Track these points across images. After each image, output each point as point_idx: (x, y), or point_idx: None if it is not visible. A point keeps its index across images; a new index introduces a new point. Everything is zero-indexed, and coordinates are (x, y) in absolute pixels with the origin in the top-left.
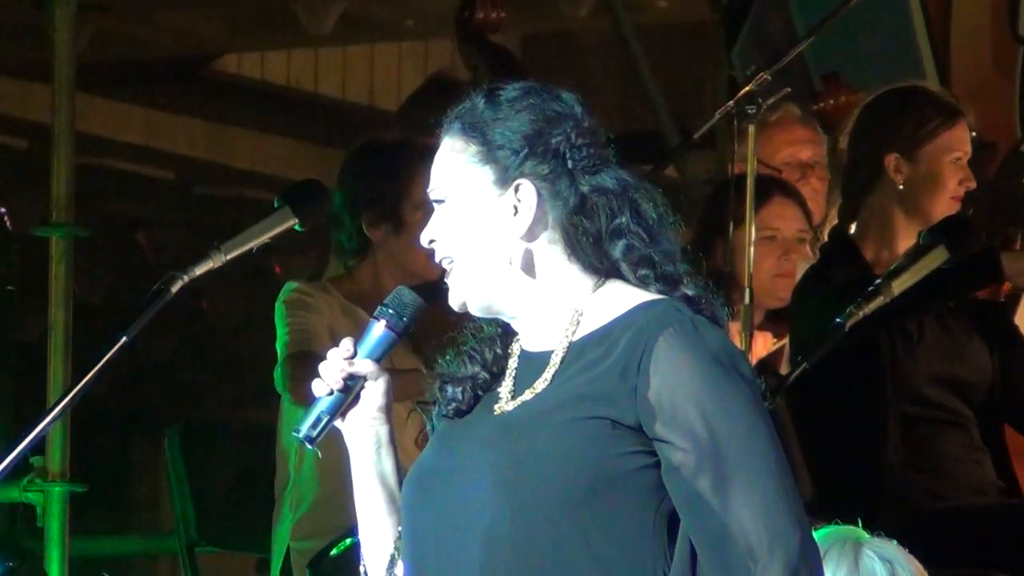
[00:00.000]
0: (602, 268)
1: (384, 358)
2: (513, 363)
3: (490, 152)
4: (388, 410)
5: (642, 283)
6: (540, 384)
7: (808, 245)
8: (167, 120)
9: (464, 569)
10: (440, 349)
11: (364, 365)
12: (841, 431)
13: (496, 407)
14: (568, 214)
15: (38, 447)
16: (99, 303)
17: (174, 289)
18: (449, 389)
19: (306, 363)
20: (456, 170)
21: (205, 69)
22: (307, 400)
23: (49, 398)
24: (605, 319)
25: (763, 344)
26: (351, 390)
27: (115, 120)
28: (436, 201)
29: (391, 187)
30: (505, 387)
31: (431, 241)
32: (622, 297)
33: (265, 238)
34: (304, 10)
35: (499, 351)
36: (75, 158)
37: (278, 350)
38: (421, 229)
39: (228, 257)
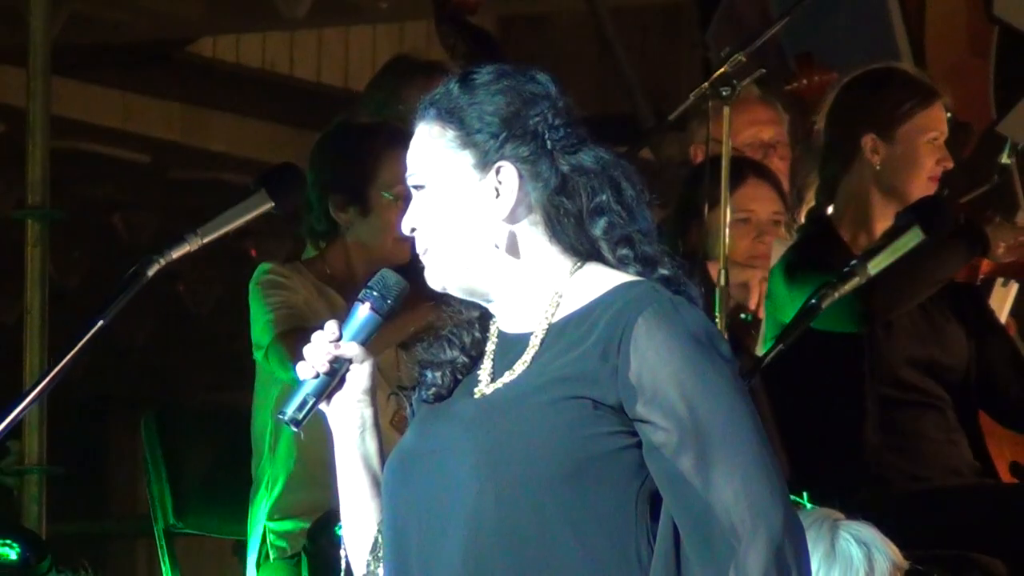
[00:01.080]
0: (582, 250)
1: (369, 341)
2: (491, 346)
3: (468, 136)
4: (373, 393)
5: (621, 263)
6: (520, 366)
7: (784, 227)
8: (143, 103)
9: (447, 550)
10: (419, 334)
11: (350, 348)
12: (818, 411)
13: (476, 390)
14: (549, 195)
15: (15, 431)
16: (75, 287)
17: (150, 272)
18: (429, 374)
19: (300, 339)
20: (434, 156)
21: (180, 52)
22: None
23: (26, 382)
24: (584, 300)
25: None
26: (336, 373)
27: (90, 103)
28: (415, 187)
29: (358, 170)
30: (484, 369)
31: (412, 229)
32: (601, 278)
33: (241, 221)
34: None
35: (478, 334)
36: (51, 142)
37: (258, 333)
38: (388, 213)
39: (204, 240)
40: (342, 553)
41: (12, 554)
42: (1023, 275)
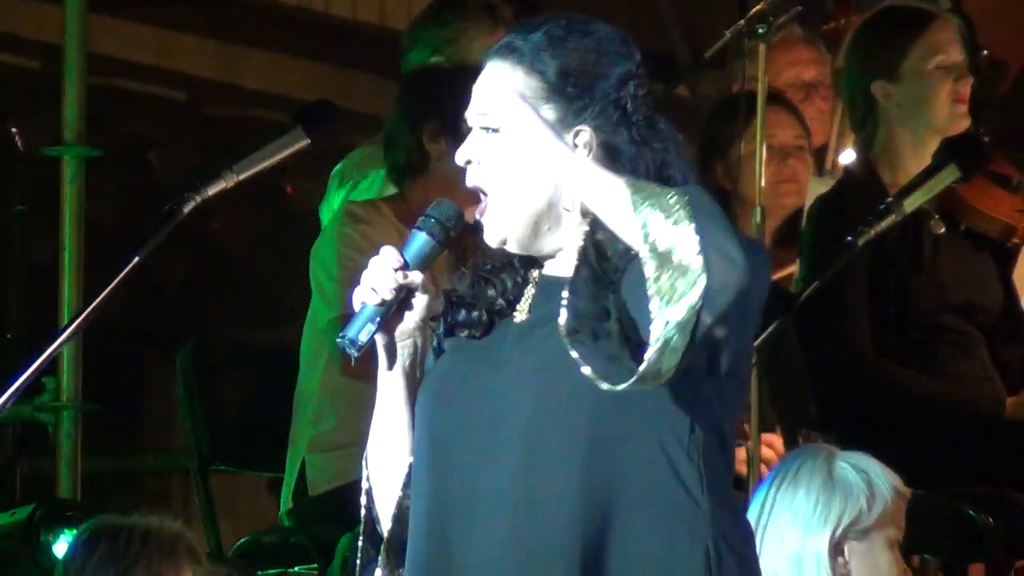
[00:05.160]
0: None
1: (427, 268)
2: (531, 289)
3: (552, 91)
4: (427, 322)
5: None
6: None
7: (807, 153)
8: (178, 40)
9: (498, 469)
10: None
11: (416, 276)
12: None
13: (515, 324)
14: (619, 165)
15: (50, 368)
16: (110, 224)
17: (186, 210)
18: (463, 312)
19: None
20: (515, 102)
21: None
22: (356, 373)
23: (61, 319)
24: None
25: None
26: (397, 300)
27: (126, 40)
28: (486, 128)
29: (452, 98)
30: (521, 312)
31: (468, 161)
32: None
33: (277, 159)
34: None
35: (519, 279)
36: (86, 78)
37: (320, 291)
38: None
39: (240, 177)
40: (363, 485)
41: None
42: None
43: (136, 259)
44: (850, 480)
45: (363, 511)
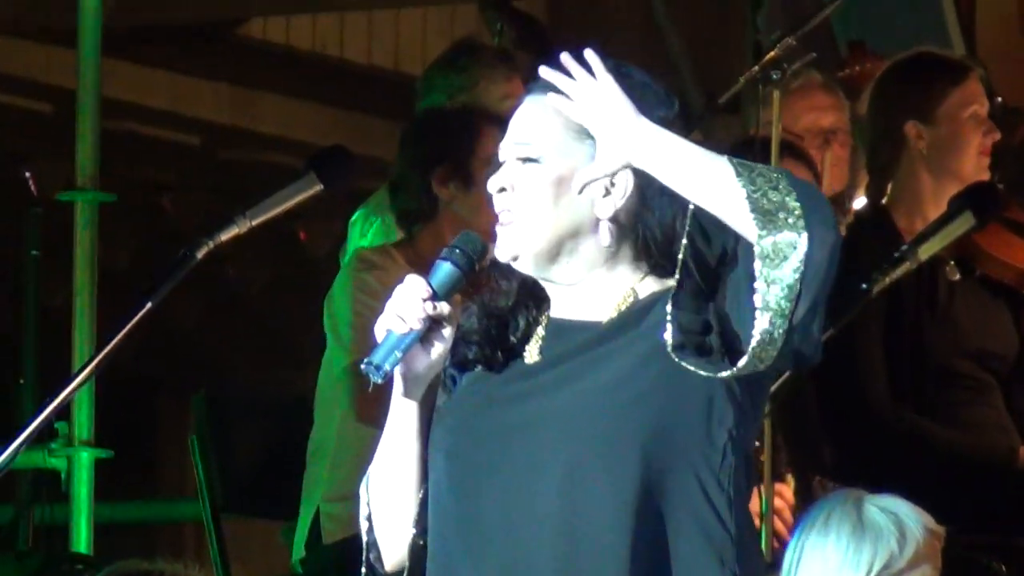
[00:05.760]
0: (652, 263)
1: (451, 299)
2: (540, 331)
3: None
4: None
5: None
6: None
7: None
8: (192, 85)
9: (539, 492)
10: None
11: (444, 307)
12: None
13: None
14: (650, 211)
15: (63, 413)
16: (124, 268)
17: (199, 255)
18: (476, 349)
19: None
20: (557, 135)
21: (230, 33)
22: (372, 420)
23: (74, 363)
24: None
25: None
26: (423, 331)
27: (140, 84)
28: (524, 159)
29: (461, 144)
30: (530, 353)
31: (501, 189)
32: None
33: (290, 204)
34: None
35: (531, 319)
36: (100, 123)
37: (336, 340)
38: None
39: (253, 223)
40: (363, 510)
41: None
42: None
43: (149, 304)
44: (879, 523)
45: (364, 536)
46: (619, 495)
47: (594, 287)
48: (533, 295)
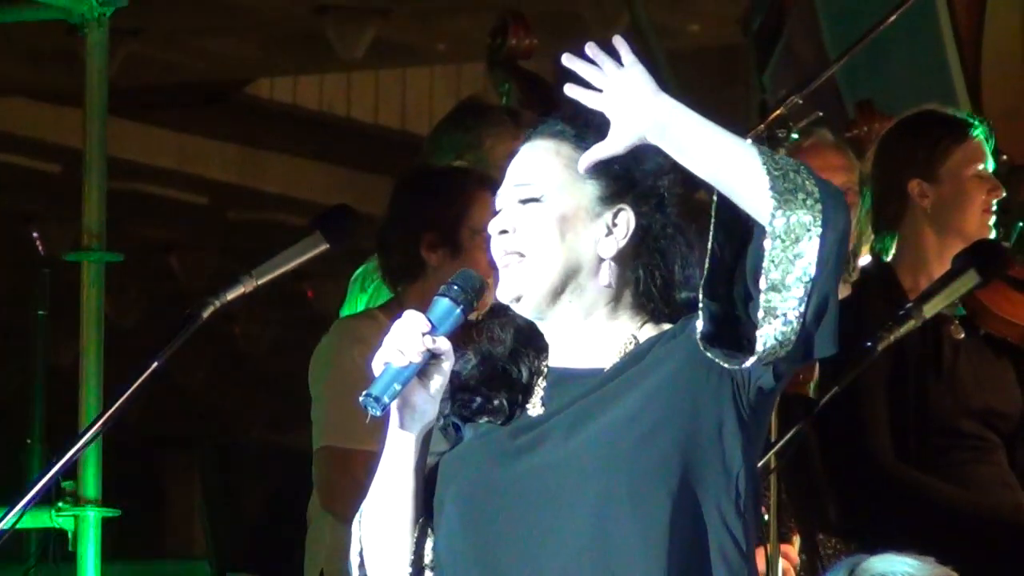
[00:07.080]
0: (651, 309)
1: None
2: (541, 382)
3: (599, 169)
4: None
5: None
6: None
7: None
8: (199, 145)
9: (564, 540)
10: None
11: (443, 342)
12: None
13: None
14: (650, 253)
15: (70, 472)
16: (131, 327)
17: (206, 314)
18: (480, 400)
19: (344, 466)
20: (560, 175)
21: (237, 94)
22: (337, 506)
23: (81, 422)
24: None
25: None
26: (422, 364)
27: (147, 145)
28: (526, 200)
29: (450, 211)
30: (533, 405)
31: (503, 231)
32: (655, 334)
33: (296, 263)
34: (336, 35)
35: (532, 367)
36: (107, 183)
37: (317, 417)
38: (480, 254)
39: (260, 282)
40: (355, 546)
41: None
42: None
43: (156, 363)
44: None
45: (355, 573)
46: (651, 525)
47: (595, 334)
48: (531, 344)
